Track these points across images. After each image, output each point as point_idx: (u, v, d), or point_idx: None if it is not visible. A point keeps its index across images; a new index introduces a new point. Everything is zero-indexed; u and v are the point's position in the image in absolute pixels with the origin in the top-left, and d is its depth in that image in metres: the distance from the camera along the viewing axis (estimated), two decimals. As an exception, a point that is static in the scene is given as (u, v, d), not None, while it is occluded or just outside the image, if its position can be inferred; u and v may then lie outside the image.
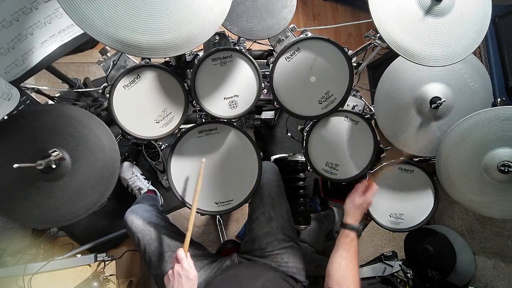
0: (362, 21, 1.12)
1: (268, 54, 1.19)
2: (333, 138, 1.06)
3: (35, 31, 0.83)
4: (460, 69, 0.98)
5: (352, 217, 0.91)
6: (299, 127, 1.22)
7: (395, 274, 1.54)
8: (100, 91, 0.97)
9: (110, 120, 0.89)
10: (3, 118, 0.76)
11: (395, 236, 1.90)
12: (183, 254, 0.79)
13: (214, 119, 0.97)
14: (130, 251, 1.53)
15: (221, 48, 0.92)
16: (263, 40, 0.94)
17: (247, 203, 1.04)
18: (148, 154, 1.57)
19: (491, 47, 1.42)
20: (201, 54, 1.00)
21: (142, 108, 0.92)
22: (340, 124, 1.06)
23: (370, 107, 1.12)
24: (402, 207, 1.08)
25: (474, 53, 0.87)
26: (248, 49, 1.12)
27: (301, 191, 1.31)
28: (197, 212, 0.98)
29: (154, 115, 0.93)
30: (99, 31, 0.59)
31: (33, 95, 0.97)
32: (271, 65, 0.95)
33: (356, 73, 0.99)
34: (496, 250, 1.53)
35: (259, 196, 1.03)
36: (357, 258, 0.84)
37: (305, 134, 1.08)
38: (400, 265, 1.55)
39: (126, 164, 1.52)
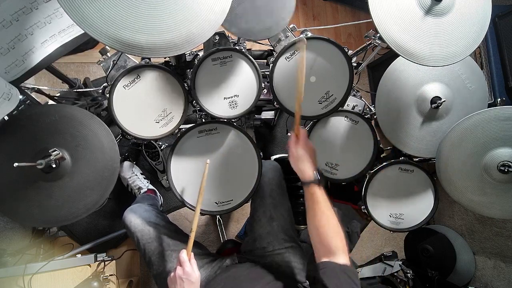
0: (362, 21, 1.12)
1: (268, 54, 1.19)
2: (333, 138, 1.06)
3: (35, 31, 0.83)
4: (458, 69, 0.98)
5: (302, 172, 0.82)
6: (299, 127, 1.22)
7: (395, 274, 1.53)
8: (100, 91, 0.97)
9: (110, 120, 0.89)
10: (3, 118, 0.76)
11: (395, 236, 1.90)
12: (186, 256, 0.78)
13: (214, 119, 0.97)
14: (130, 250, 1.53)
15: (221, 48, 0.92)
16: (263, 40, 0.94)
17: (248, 203, 1.04)
18: (148, 154, 1.57)
19: (491, 47, 1.42)
20: (201, 54, 1.00)
21: (142, 108, 0.92)
22: (340, 124, 1.06)
23: (370, 107, 1.12)
24: (402, 207, 1.08)
25: (474, 53, 0.87)
26: (248, 49, 1.12)
27: (301, 191, 1.31)
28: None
29: (154, 115, 0.93)
30: (99, 31, 0.59)
31: (33, 95, 0.97)
32: (271, 65, 0.95)
33: (356, 73, 0.99)
34: (496, 250, 1.53)
35: (260, 196, 1.03)
36: (327, 209, 0.76)
37: (305, 134, 1.08)
38: (400, 265, 1.54)
39: (127, 163, 1.52)
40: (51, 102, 1.13)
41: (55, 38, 0.87)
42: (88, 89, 1.24)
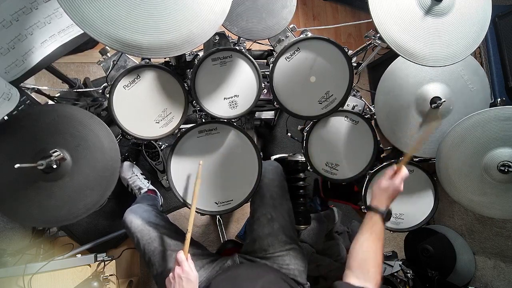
0: (362, 21, 1.12)
1: (268, 54, 1.19)
2: (333, 138, 1.06)
3: (35, 31, 0.83)
4: (460, 70, 0.98)
5: (377, 200, 0.86)
6: (299, 127, 1.22)
7: (395, 274, 1.53)
8: (100, 91, 0.97)
9: (110, 120, 0.89)
10: (3, 118, 0.76)
11: (395, 236, 1.90)
12: (183, 256, 0.79)
13: (214, 119, 0.97)
14: (129, 249, 1.53)
15: (221, 48, 0.92)
16: (263, 40, 0.94)
17: (248, 203, 1.04)
18: (148, 154, 1.57)
19: (491, 47, 1.42)
20: (201, 54, 1.00)
21: (142, 108, 0.92)
22: (340, 124, 1.06)
23: (370, 107, 1.12)
24: (402, 207, 1.08)
25: (474, 53, 0.87)
26: (248, 49, 1.12)
27: (301, 191, 1.31)
28: (197, 212, 0.98)
29: (154, 115, 0.93)
30: (99, 31, 0.59)
31: (33, 95, 0.97)
32: (271, 65, 0.95)
33: (356, 73, 0.99)
34: (496, 250, 1.53)
35: (260, 196, 1.03)
36: (381, 241, 0.81)
37: (305, 134, 1.08)
38: (400, 265, 1.54)
39: (127, 163, 1.52)
40: (51, 102, 1.13)
41: (55, 38, 0.87)
42: (88, 89, 1.24)
